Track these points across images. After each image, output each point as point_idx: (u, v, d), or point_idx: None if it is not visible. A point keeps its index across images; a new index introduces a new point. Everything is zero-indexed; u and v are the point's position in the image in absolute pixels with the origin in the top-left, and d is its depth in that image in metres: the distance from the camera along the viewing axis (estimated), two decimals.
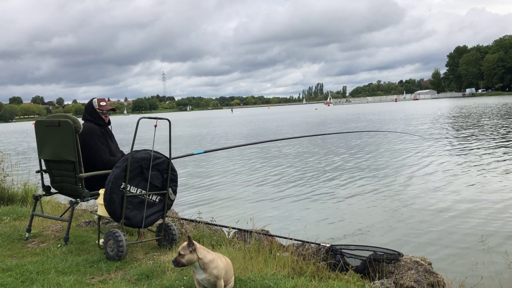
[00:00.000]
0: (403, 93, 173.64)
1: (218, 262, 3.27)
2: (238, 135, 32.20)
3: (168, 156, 4.60)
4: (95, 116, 5.31)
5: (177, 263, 3.22)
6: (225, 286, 3.35)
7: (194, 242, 3.22)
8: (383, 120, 38.32)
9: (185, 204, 9.39)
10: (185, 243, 3.23)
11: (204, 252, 3.25)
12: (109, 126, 5.48)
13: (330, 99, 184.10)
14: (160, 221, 4.79)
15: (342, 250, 4.80)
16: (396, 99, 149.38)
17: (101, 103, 5.37)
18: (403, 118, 39.21)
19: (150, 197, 4.50)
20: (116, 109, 5.69)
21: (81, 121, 5.35)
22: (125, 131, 45.59)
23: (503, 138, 18.73)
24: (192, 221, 6.18)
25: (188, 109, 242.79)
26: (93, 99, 5.43)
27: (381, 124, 32.94)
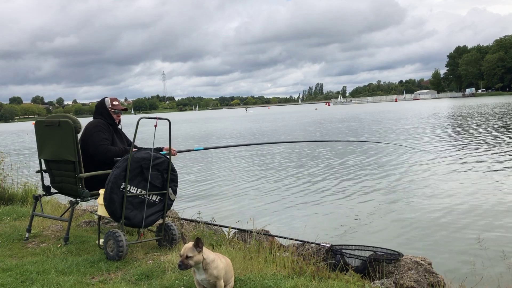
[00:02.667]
0: (403, 93, 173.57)
1: (218, 262, 3.25)
2: (265, 131, 32.28)
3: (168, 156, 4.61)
4: (106, 115, 5.30)
5: (185, 266, 3.10)
6: (225, 286, 3.35)
7: None
8: (376, 120, 38.34)
9: (185, 204, 9.39)
10: (189, 244, 3.15)
11: (207, 253, 3.23)
12: (119, 126, 5.47)
13: (340, 98, 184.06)
14: (160, 221, 4.80)
15: (342, 250, 4.81)
16: (396, 99, 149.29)
17: (114, 102, 5.36)
18: (395, 118, 39.25)
19: (150, 197, 4.51)
20: (127, 109, 5.68)
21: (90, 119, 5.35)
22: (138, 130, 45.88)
23: (502, 138, 18.73)
24: (192, 221, 6.19)
25: (196, 108, 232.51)
26: (105, 98, 5.41)
27: (373, 124, 32.96)
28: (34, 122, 5.45)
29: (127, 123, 4.65)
